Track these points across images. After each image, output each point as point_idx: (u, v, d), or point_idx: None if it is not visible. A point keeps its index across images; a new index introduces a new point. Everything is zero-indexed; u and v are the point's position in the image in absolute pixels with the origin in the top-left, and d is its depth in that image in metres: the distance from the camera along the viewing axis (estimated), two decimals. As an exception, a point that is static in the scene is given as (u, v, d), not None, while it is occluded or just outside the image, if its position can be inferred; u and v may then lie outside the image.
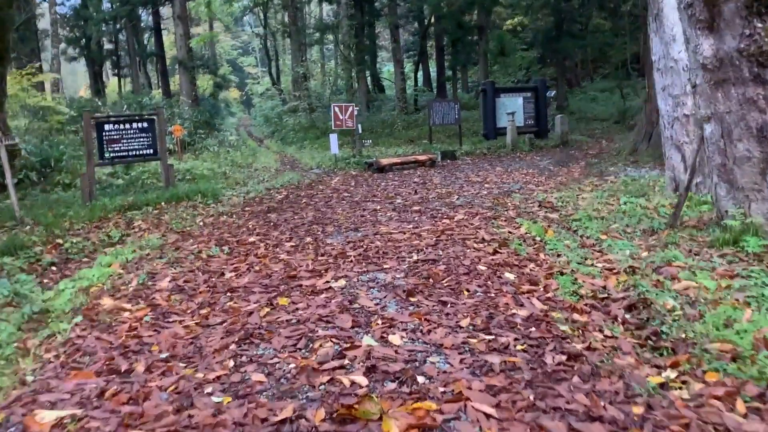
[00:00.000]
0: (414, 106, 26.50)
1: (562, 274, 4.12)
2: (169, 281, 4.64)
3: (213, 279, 4.62)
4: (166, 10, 34.97)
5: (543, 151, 15.11)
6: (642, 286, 3.75)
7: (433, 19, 29.60)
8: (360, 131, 14.22)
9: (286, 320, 3.39)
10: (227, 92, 57.65)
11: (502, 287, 3.83)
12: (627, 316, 3.29)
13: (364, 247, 5.29)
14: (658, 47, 6.74)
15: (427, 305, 3.49)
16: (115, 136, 10.12)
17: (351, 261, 4.76)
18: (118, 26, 31.94)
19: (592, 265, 4.40)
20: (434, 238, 5.51)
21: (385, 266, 4.52)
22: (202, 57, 33.64)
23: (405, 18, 30.62)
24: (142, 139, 10.33)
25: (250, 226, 7.15)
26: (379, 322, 3.23)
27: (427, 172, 12.11)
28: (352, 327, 3.19)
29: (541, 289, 3.81)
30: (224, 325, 3.46)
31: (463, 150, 15.03)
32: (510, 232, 5.72)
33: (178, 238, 6.89)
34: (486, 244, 5.17)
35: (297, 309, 3.60)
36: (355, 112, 13.85)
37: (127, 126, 10.23)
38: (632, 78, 31.41)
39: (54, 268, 6.70)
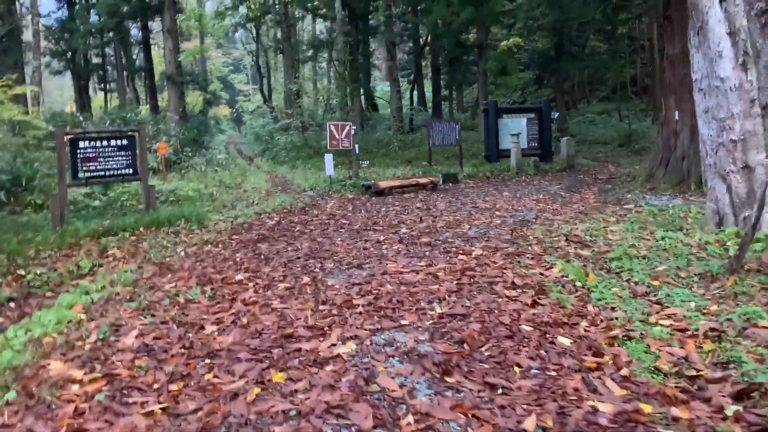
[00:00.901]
0: (410, 125, 25.82)
1: (629, 339, 3.29)
2: (136, 336, 3.75)
3: (190, 335, 3.74)
4: (156, 24, 34.28)
5: (549, 175, 14.38)
6: (738, 360, 2.93)
7: (429, 38, 29.10)
8: (357, 151, 13.42)
9: (283, 411, 2.52)
10: (217, 109, 56.97)
11: (561, 359, 2.99)
12: (739, 409, 2.46)
13: (374, 292, 4.43)
14: (701, 65, 6.01)
15: (471, 389, 2.64)
16: (90, 154, 9.24)
17: (360, 312, 3.90)
18: (105, 39, 31.12)
19: (657, 324, 3.58)
20: (455, 281, 4.67)
21: (402, 321, 3.66)
22: (192, 73, 32.85)
23: (400, 36, 30.09)
24: (120, 158, 9.46)
25: (238, 259, 6.28)
26: (411, 419, 2.36)
27: (430, 197, 11.30)
28: (375, 428, 2.32)
29: (610, 362, 2.96)
30: (199, 414, 2.58)
31: (465, 173, 14.27)
32: (542, 274, 4.90)
33: (155, 272, 6.03)
34: (520, 291, 4.33)
35: (296, 391, 2.73)
36: (352, 132, 13.07)
37: (105, 143, 9.36)
38: (631, 101, 31.08)
39: (12, 304, 5.82)
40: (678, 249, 5.46)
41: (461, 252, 5.91)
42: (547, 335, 3.36)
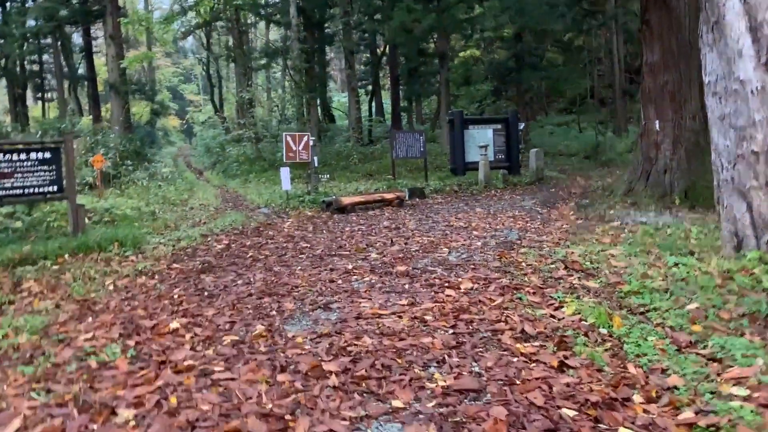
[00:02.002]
0: (369, 137, 24.90)
1: (715, 428, 2.37)
2: None
3: (93, 428, 2.64)
4: (101, 31, 32.44)
5: (519, 188, 13.65)
6: None
7: (387, 48, 28.32)
8: (316, 164, 12.37)
9: None
10: (167, 120, 54.91)
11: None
12: None
13: (349, 349, 3.41)
14: (716, 65, 5.26)
15: None
16: (5, 169, 7.90)
17: (334, 386, 2.87)
18: (42, 45, 29.18)
19: (732, 396, 2.68)
20: (450, 330, 3.71)
21: (394, 402, 2.66)
22: (138, 82, 31.17)
23: (357, 46, 29.24)
24: (43, 173, 8.15)
25: (176, 297, 5.15)
26: None
27: (397, 214, 10.34)
28: None
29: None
30: None
31: (432, 187, 13.39)
32: (554, 317, 3.98)
33: (74, 314, 4.90)
34: (536, 344, 3.39)
35: None
36: (311, 142, 12.02)
37: (24, 156, 8.04)
38: (594, 112, 31.04)
39: None
40: (700, 280, 4.63)
41: (447, 284, 4.94)
42: (600, 424, 2.41)
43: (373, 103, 31.15)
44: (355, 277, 5.50)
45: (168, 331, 4.10)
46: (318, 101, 27.55)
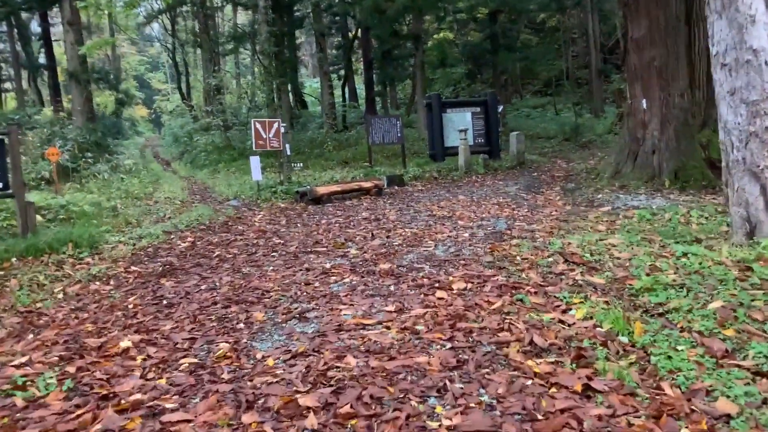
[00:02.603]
0: (343, 123, 24.20)
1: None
2: None
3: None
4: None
5: (500, 173, 13.17)
6: None
7: (359, 31, 27.55)
8: (289, 152, 11.72)
9: None
10: (134, 110, 53.35)
11: None
12: None
13: (329, 375, 2.85)
14: (725, 33, 4.77)
15: None
16: (-59, 165, 7.14)
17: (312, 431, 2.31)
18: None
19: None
20: (447, 343, 3.18)
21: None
22: (101, 70, 29.90)
23: (328, 29, 28.39)
24: (-16, 169, 7.41)
25: (130, 308, 4.54)
26: None
27: (376, 203, 9.78)
28: None
29: None
30: None
31: (411, 174, 12.84)
32: (562, 322, 3.48)
33: (13, 329, 4.33)
34: (550, 360, 2.88)
35: None
36: (282, 130, 11.35)
37: (-38, 150, 7.28)
38: (570, 93, 30.74)
39: None
40: (715, 272, 4.17)
41: (437, 285, 4.41)
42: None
43: (346, 89, 30.39)
44: (333, 277, 4.93)
45: (117, 352, 3.50)
46: (289, 87, 26.71)
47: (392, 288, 4.47)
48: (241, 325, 3.84)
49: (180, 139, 25.46)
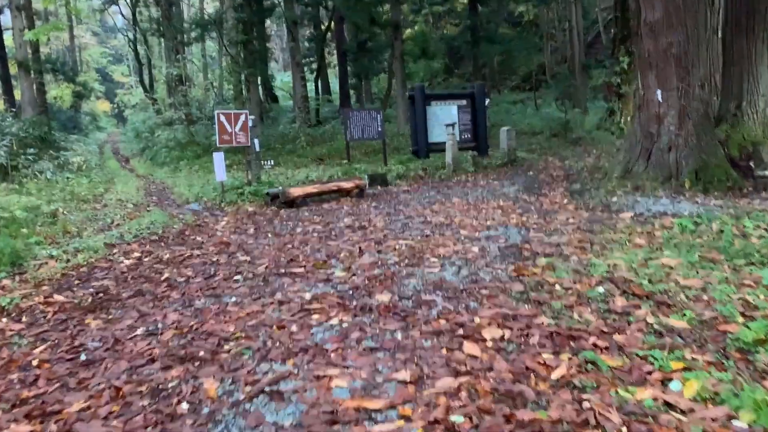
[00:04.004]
0: (316, 117, 22.83)
1: None
2: None
3: None
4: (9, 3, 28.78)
5: (491, 172, 12.04)
6: None
7: (333, 22, 26.20)
8: (258, 149, 10.38)
9: None
10: (95, 103, 51.05)
11: None
12: None
13: None
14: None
15: None
16: None
17: None
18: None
19: None
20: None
21: None
22: (55, 60, 27.94)
23: (300, 19, 26.96)
24: None
25: (35, 363, 3.24)
26: None
27: (359, 207, 8.55)
28: None
29: None
30: None
31: (394, 172, 11.62)
32: (671, 406, 2.31)
33: None
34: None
35: None
36: (250, 123, 10.01)
37: None
38: (541, 89, 29.94)
39: None
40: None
41: (461, 331, 3.21)
42: None
43: (319, 82, 29.01)
44: (316, 316, 3.69)
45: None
46: (259, 80, 25.22)
47: (399, 336, 3.24)
48: (184, 407, 2.57)
49: (141, 135, 23.78)
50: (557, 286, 3.95)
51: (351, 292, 4.19)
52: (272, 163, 10.92)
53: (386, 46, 23.17)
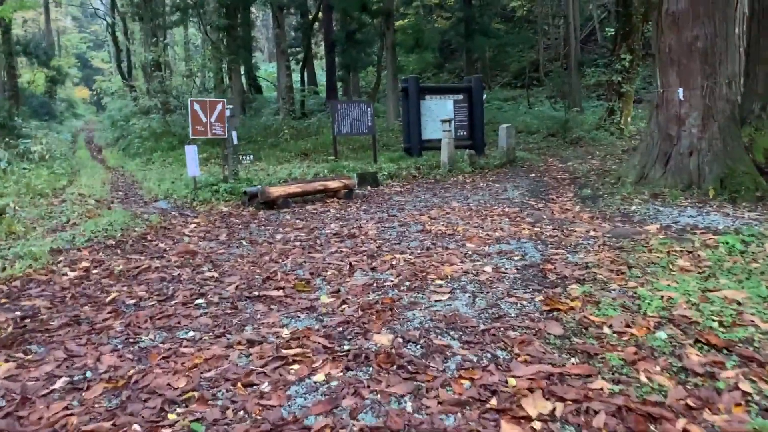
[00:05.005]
0: (302, 109, 21.81)
1: None
2: None
3: None
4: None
5: (490, 172, 11.19)
6: None
7: (321, 11, 25.15)
8: (236, 141, 9.41)
9: None
10: (74, 90, 49.45)
11: None
12: None
13: None
14: None
15: None
16: None
17: None
18: None
19: None
20: None
21: None
22: (27, 42, 26.56)
23: (286, 5, 25.88)
24: None
25: None
26: None
27: (347, 210, 7.65)
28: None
29: None
30: None
31: (385, 171, 10.71)
32: None
33: None
34: None
35: None
36: (228, 113, 9.04)
37: None
38: (535, 86, 29.24)
39: None
40: None
41: (493, 401, 2.35)
42: None
43: (305, 73, 27.95)
44: (295, 367, 2.80)
45: None
46: (242, 69, 24.12)
47: (409, 406, 2.37)
48: None
49: (117, 123, 22.57)
50: (605, 329, 3.10)
51: (339, 327, 3.31)
52: (252, 157, 9.95)
53: (376, 37, 22.23)
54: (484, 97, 14.03)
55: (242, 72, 23.25)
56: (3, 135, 12.59)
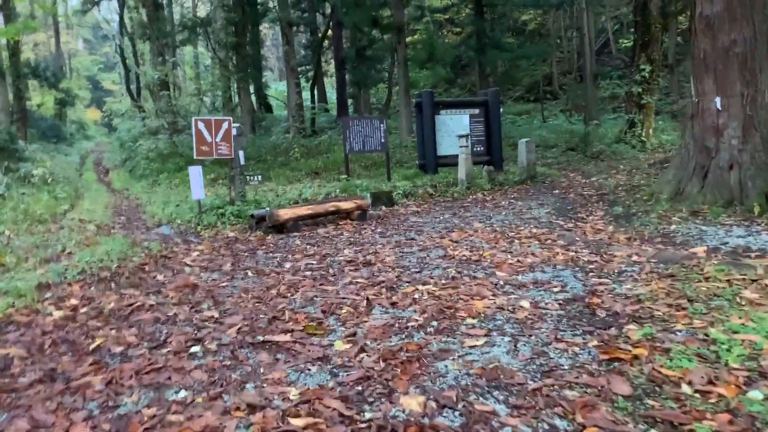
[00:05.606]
0: (312, 127, 21.42)
1: None
2: None
3: None
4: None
5: (510, 190, 10.64)
6: None
7: (330, 28, 24.89)
8: (243, 161, 8.95)
9: None
10: (85, 112, 49.69)
11: None
12: None
13: None
14: None
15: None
16: None
17: None
18: None
19: None
20: None
21: None
22: (36, 65, 26.52)
23: (296, 26, 25.65)
24: None
25: None
26: None
27: (361, 233, 7.13)
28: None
29: None
30: None
31: (399, 189, 10.20)
32: None
33: None
34: None
35: None
36: (234, 131, 8.59)
37: None
38: (549, 100, 28.81)
39: None
40: None
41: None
42: None
43: (315, 90, 27.64)
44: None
45: None
46: (252, 88, 23.83)
47: None
48: None
49: (125, 145, 22.31)
50: (684, 386, 2.53)
51: (359, 386, 2.76)
52: (260, 177, 9.47)
53: (386, 53, 21.86)
54: (501, 110, 13.52)
55: (252, 91, 22.94)
56: (3, 158, 12.26)
